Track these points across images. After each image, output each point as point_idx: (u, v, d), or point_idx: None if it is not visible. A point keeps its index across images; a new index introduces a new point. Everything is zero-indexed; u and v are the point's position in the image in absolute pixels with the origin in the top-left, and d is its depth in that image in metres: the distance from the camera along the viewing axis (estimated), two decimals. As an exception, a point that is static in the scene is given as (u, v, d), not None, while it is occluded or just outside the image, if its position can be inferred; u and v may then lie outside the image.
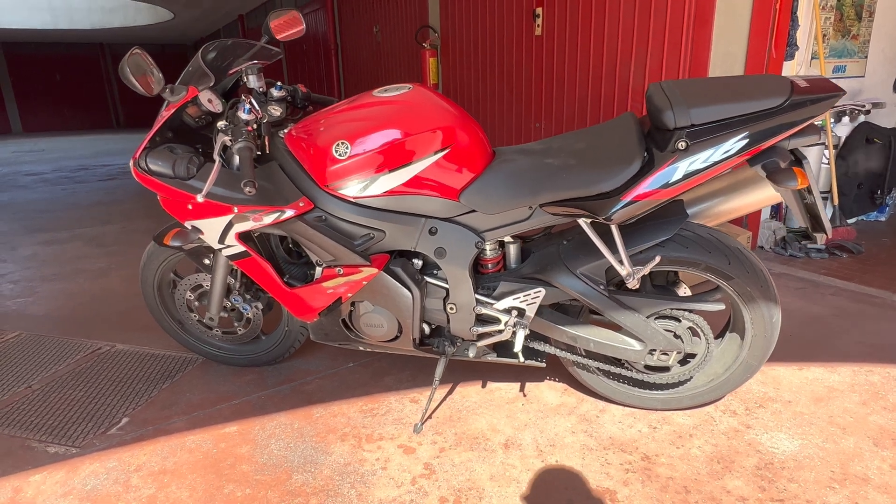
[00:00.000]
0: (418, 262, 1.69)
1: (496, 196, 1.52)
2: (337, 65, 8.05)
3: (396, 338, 1.76)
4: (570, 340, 1.69)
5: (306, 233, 1.57)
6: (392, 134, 1.47)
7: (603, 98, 4.00)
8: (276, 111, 1.65)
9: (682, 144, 1.33)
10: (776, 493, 1.50)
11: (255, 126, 1.54)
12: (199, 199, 1.42)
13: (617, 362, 1.81)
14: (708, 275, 1.57)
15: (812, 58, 3.68)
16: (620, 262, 1.50)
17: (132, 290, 3.14)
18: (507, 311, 1.67)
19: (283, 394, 2.06)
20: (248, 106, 1.54)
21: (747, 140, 1.30)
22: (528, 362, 1.81)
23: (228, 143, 1.55)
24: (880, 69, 4.02)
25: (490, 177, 1.53)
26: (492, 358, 1.81)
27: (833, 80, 1.34)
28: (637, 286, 1.51)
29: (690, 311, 1.62)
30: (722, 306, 1.59)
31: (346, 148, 1.48)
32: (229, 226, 1.60)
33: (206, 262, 1.92)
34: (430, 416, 1.88)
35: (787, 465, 1.60)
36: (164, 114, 1.60)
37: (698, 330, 1.64)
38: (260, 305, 2.01)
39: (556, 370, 2.13)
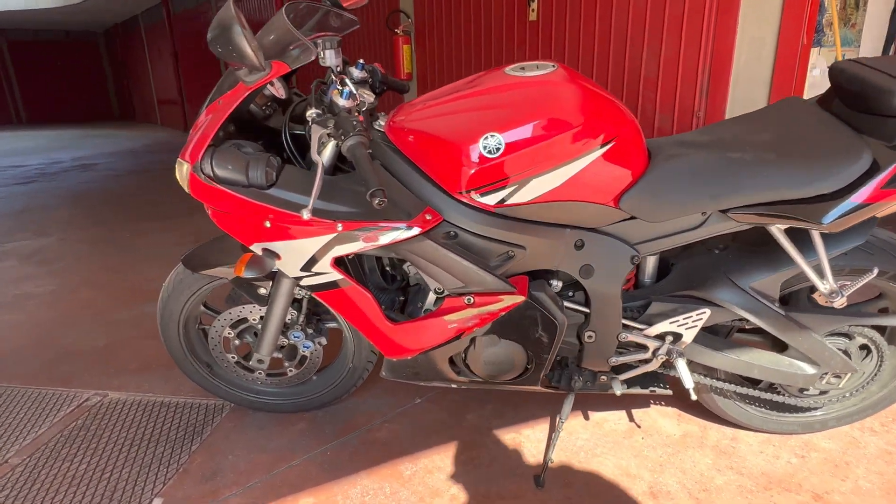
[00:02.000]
0: (557, 284, 1.37)
1: (669, 200, 1.23)
2: (287, 53, 7.43)
3: (520, 375, 1.44)
4: (728, 367, 1.43)
5: (434, 254, 1.21)
6: (554, 124, 1.14)
7: (609, 88, 3.80)
8: (368, 96, 1.27)
9: (922, 133, 1.09)
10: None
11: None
12: (307, 215, 1.03)
13: (757, 384, 1.57)
14: (893, 284, 1.36)
15: (821, 46, 3.66)
16: (821, 276, 1.25)
17: (103, 319, 2.59)
18: (660, 336, 1.39)
19: (352, 446, 1.68)
20: (347, 89, 1.16)
21: None
22: (658, 390, 1.55)
23: (325, 139, 1.16)
24: (868, 59, 4.08)
25: (659, 176, 1.23)
26: (621, 391, 1.52)
27: None
28: (844, 304, 1.27)
29: (871, 326, 1.41)
30: (909, 319, 1.40)
31: (499, 143, 1.13)
32: (325, 248, 1.21)
33: (263, 291, 1.50)
34: (545, 464, 1.58)
35: (971, 493, 1.43)
36: (230, 98, 1.18)
37: (872, 347, 1.43)
38: (324, 341, 1.62)
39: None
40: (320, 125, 1.13)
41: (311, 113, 1.17)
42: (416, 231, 1.17)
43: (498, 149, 1.13)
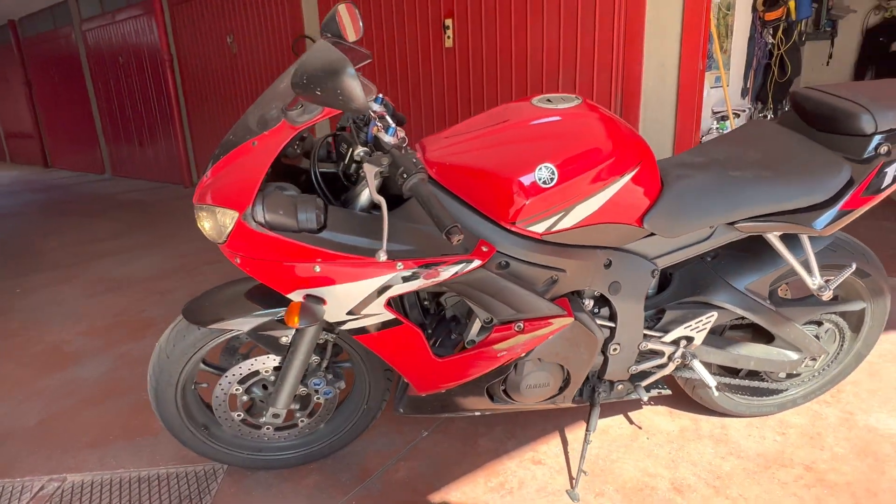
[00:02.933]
0: (589, 302, 1.44)
1: (687, 216, 1.35)
2: (174, 80, 6.95)
3: (555, 395, 1.48)
4: (730, 362, 1.59)
5: (490, 285, 1.22)
6: (597, 153, 1.21)
7: (530, 110, 4.02)
8: (400, 131, 1.26)
9: (884, 149, 1.32)
10: (936, 473, 1.58)
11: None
12: (383, 257, 1.00)
13: (737, 374, 1.76)
14: (852, 276, 1.60)
15: (710, 70, 4.17)
16: (811, 273, 1.44)
17: (27, 391, 2.24)
18: (675, 342, 1.51)
19: (377, 491, 1.61)
20: (392, 126, 1.14)
21: (938, 142, 1.34)
22: (661, 391, 1.68)
23: (377, 177, 1.13)
24: (735, 80, 4.73)
25: (676, 195, 1.35)
26: (647, 395, 1.62)
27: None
28: (831, 297, 1.47)
29: (836, 313, 1.63)
30: (863, 305, 1.64)
31: (552, 173, 1.17)
32: (382, 289, 1.17)
33: (285, 340, 1.40)
34: (574, 476, 1.63)
35: (917, 444, 1.70)
36: (273, 139, 1.10)
37: (836, 331, 1.66)
38: (342, 385, 1.54)
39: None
40: (374, 164, 1.10)
41: (360, 152, 1.14)
42: (477, 263, 1.18)
43: (552, 179, 1.18)
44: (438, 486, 1.62)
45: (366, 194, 1.20)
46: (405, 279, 1.16)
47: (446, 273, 1.17)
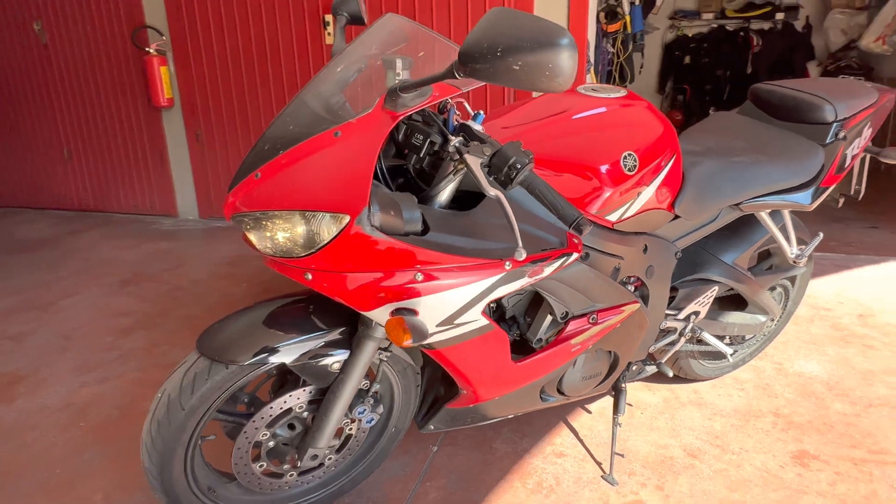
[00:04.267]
0: (632, 287, 1.46)
1: (709, 199, 1.46)
2: (-49, 74, 5.52)
3: (600, 383, 1.49)
4: (720, 331, 1.75)
5: (583, 278, 1.17)
6: (662, 141, 1.24)
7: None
8: None
9: (842, 134, 1.56)
10: (865, 400, 1.92)
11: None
12: (523, 255, 0.90)
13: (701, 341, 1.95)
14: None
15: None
16: (790, 244, 1.65)
17: None
18: (687, 318, 1.62)
19: (417, 520, 1.47)
20: (480, 112, 1.05)
21: (871, 129, 1.63)
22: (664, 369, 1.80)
23: (480, 168, 1.02)
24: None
25: (699, 180, 1.45)
26: (671, 371, 1.71)
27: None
28: (805, 263, 1.69)
29: (786, 278, 1.89)
30: (803, 269, 1.92)
31: (635, 161, 1.17)
32: (486, 293, 1.05)
33: (336, 366, 1.18)
34: (599, 462, 1.66)
35: (835, 380, 2.05)
36: (372, 126, 0.92)
37: (783, 293, 1.93)
38: (382, 409, 1.36)
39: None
40: (475, 155, 0.98)
41: (455, 143, 1.01)
42: (576, 256, 1.13)
43: (635, 166, 1.18)
44: (478, 500, 1.53)
45: (450, 190, 1.07)
46: (510, 280, 1.07)
47: (549, 269, 1.10)
